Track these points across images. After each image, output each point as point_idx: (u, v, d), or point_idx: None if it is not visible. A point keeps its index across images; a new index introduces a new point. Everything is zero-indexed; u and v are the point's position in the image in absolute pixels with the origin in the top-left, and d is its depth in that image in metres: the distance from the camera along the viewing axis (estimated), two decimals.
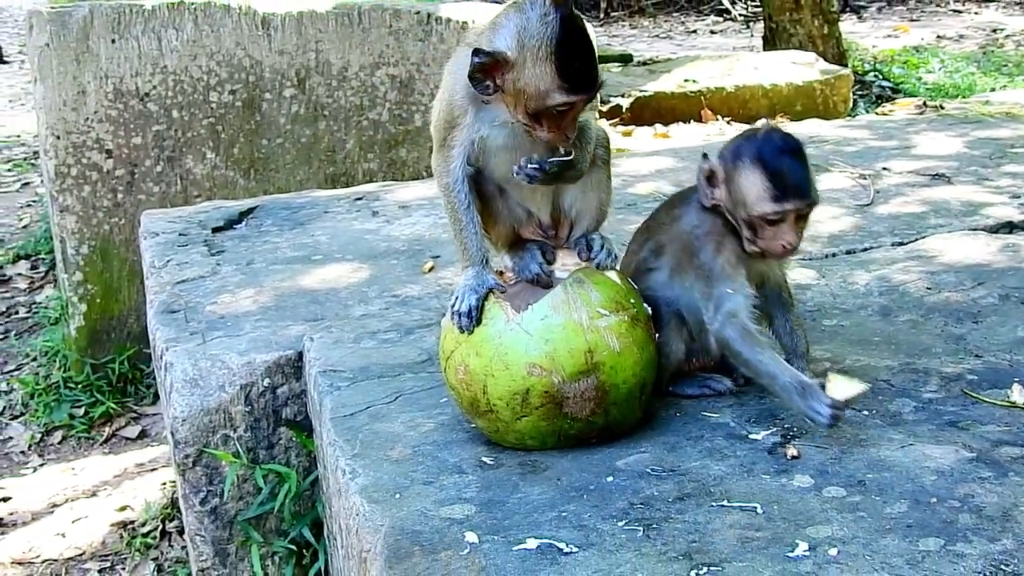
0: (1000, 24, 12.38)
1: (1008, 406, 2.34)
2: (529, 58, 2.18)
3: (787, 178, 2.25)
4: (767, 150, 2.27)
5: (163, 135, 4.99)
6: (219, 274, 3.60)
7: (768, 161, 2.26)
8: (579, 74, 2.20)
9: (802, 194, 2.26)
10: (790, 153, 2.27)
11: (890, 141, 4.82)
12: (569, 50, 2.18)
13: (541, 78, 2.18)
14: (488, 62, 2.20)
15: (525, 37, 2.19)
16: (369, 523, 2.07)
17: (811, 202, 2.29)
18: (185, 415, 2.94)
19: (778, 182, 2.25)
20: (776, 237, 2.30)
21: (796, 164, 2.26)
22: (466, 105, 2.32)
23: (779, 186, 2.25)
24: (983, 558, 1.80)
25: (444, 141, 2.38)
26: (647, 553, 1.89)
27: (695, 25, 13.57)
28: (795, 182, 2.25)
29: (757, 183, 2.26)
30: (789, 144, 2.29)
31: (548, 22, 2.17)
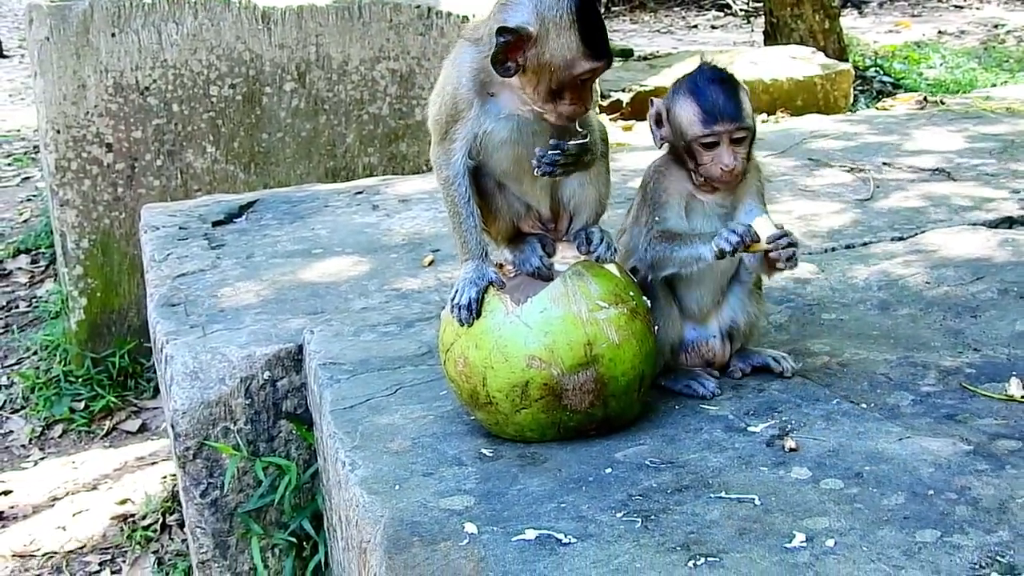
0: (1001, 20, 12.37)
1: (1006, 400, 2.35)
2: (552, 29, 2.19)
3: (715, 102, 2.41)
4: (697, 80, 2.46)
5: (163, 129, 5.00)
6: (219, 268, 3.60)
7: (697, 89, 2.44)
8: (601, 40, 2.24)
9: (730, 116, 2.41)
10: (718, 81, 2.43)
11: (890, 136, 4.82)
12: (589, 17, 2.20)
13: (567, 47, 2.20)
14: (512, 40, 2.19)
15: (544, 9, 2.20)
16: (369, 514, 2.07)
17: (740, 124, 2.42)
18: (185, 408, 2.95)
19: (706, 106, 2.42)
20: (714, 161, 2.44)
21: (724, 90, 2.42)
22: (471, 98, 2.32)
23: (707, 110, 2.41)
24: (979, 550, 1.80)
25: (445, 134, 2.37)
26: (645, 544, 1.89)
27: (696, 20, 13.56)
28: (722, 105, 2.41)
29: (689, 110, 2.43)
30: (718, 74, 2.45)
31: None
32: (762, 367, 2.57)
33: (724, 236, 2.37)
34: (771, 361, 2.56)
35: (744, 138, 2.45)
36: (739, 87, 2.46)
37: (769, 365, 2.56)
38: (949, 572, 1.75)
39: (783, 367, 2.54)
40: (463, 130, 2.34)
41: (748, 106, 2.45)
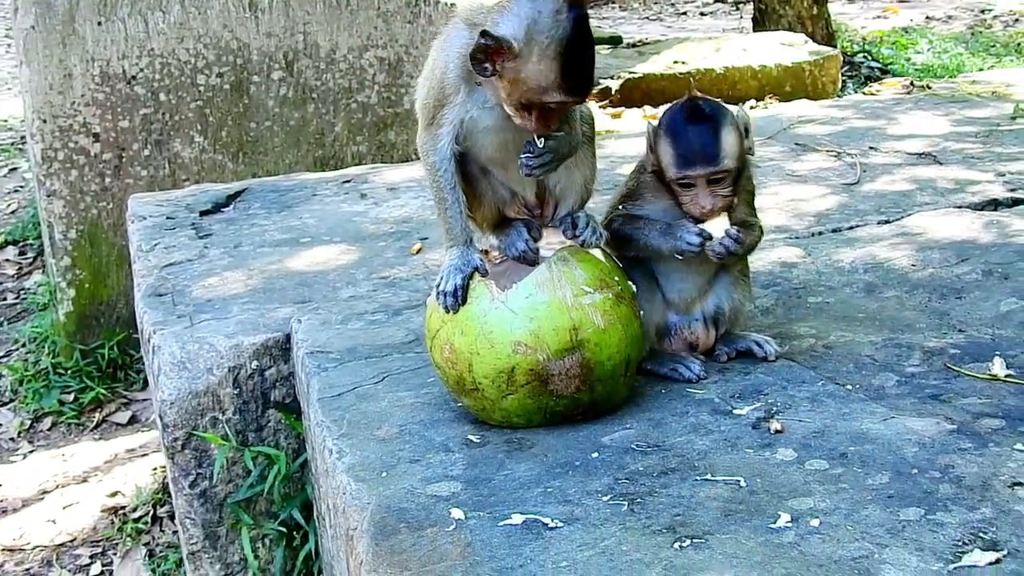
0: (988, 5, 12.37)
1: (989, 379, 2.36)
2: (535, 53, 2.16)
3: (691, 145, 2.37)
4: (676, 119, 2.43)
5: (150, 118, 4.98)
6: (207, 257, 3.60)
7: (676, 129, 2.41)
8: (581, 77, 2.20)
9: (706, 160, 2.36)
10: (699, 120, 2.38)
11: (877, 120, 4.83)
12: (576, 53, 2.16)
13: (543, 75, 2.17)
14: (493, 46, 2.17)
15: (534, 31, 2.16)
16: (356, 501, 2.08)
17: (717, 168, 2.37)
18: (173, 398, 2.94)
19: (682, 149, 2.38)
20: (693, 200, 2.42)
21: (703, 130, 2.37)
22: (458, 84, 2.30)
23: (683, 153, 2.38)
24: (962, 527, 1.82)
25: (432, 119, 2.36)
26: (631, 527, 1.90)
27: (685, 7, 13.54)
28: (699, 149, 2.36)
29: (667, 150, 2.41)
30: (700, 111, 2.40)
31: (560, 21, 2.15)
32: (747, 351, 2.58)
33: (685, 239, 2.40)
34: (754, 346, 2.56)
35: (723, 179, 2.40)
36: (722, 125, 2.39)
37: (752, 350, 2.56)
38: (932, 549, 1.76)
39: (766, 351, 2.55)
40: (450, 115, 2.32)
41: (731, 145, 2.39)
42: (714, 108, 2.42)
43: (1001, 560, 1.71)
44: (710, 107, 2.42)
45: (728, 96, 6.86)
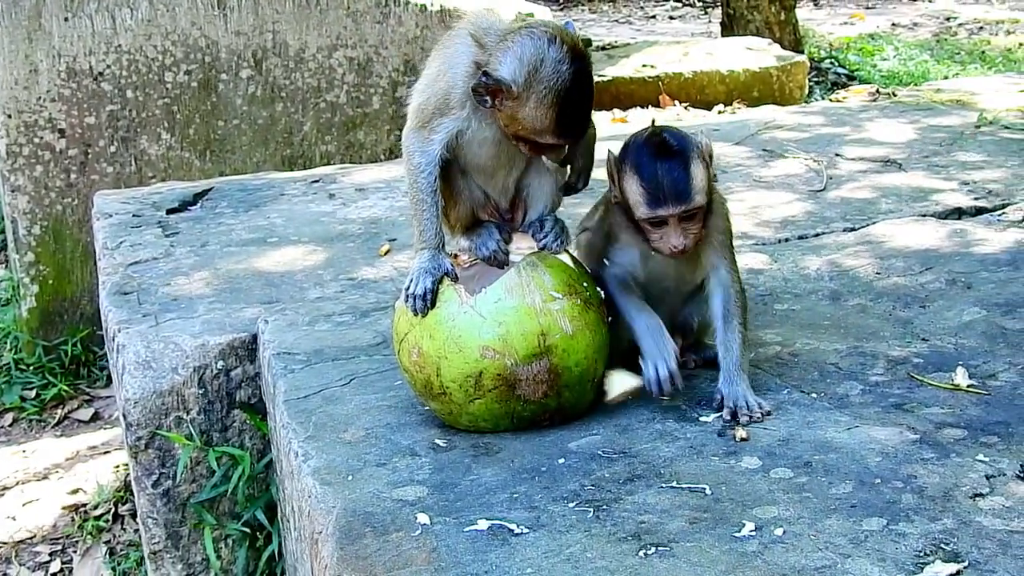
0: (953, 13, 12.52)
1: (952, 389, 2.39)
2: (533, 98, 2.19)
3: (660, 182, 2.27)
4: (643, 155, 2.31)
5: (117, 115, 4.93)
6: (173, 256, 3.57)
7: (643, 167, 2.30)
8: (575, 125, 2.25)
9: (676, 198, 2.27)
10: (666, 155, 2.28)
11: (843, 127, 4.87)
12: (573, 103, 2.20)
13: (538, 120, 2.21)
14: (492, 86, 2.20)
15: (534, 77, 2.19)
16: (321, 505, 2.07)
17: (688, 206, 2.28)
18: (137, 397, 2.92)
19: (651, 187, 2.28)
20: (663, 239, 2.34)
21: (672, 166, 2.27)
22: (464, 100, 2.31)
23: (652, 191, 2.28)
24: (924, 537, 1.84)
25: (426, 124, 2.36)
26: (596, 534, 1.91)
27: (654, 11, 13.59)
28: (669, 187, 2.26)
29: (634, 188, 2.31)
30: (666, 146, 2.29)
31: (561, 71, 2.18)
32: (715, 360, 2.58)
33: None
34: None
35: (695, 215, 2.31)
36: (691, 160, 2.29)
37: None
38: (894, 559, 1.78)
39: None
40: (448, 125, 2.33)
41: (700, 180, 2.30)
42: (681, 141, 2.32)
43: (962, 572, 1.73)
44: (677, 140, 2.32)
45: (696, 100, 6.91)
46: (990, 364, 2.49)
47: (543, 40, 2.19)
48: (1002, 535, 1.83)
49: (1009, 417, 2.24)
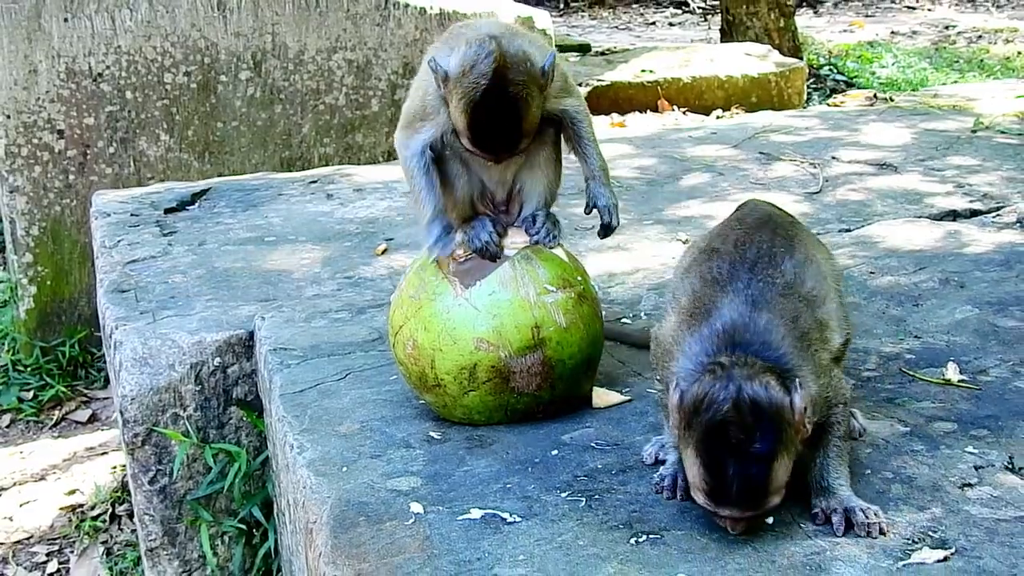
0: (952, 21, 12.56)
1: (943, 384, 2.41)
2: (455, 97, 2.27)
3: (727, 485, 1.79)
4: (713, 441, 1.80)
5: (116, 116, 4.95)
6: (171, 254, 3.59)
7: (708, 455, 1.81)
8: (489, 142, 2.29)
9: (740, 503, 1.81)
10: (743, 454, 1.78)
11: (840, 131, 4.89)
12: (483, 120, 2.25)
13: (458, 120, 2.29)
14: (438, 72, 2.28)
15: (459, 79, 2.26)
16: (316, 495, 2.08)
17: (752, 513, 1.83)
18: (134, 394, 2.93)
19: (715, 484, 1.81)
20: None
21: (744, 467, 1.78)
22: (438, 106, 2.36)
23: (715, 489, 1.82)
24: (912, 526, 1.85)
25: (411, 125, 2.43)
26: (588, 522, 1.92)
27: (654, 17, 13.64)
28: (735, 489, 1.79)
29: (694, 469, 1.84)
30: (751, 441, 1.77)
31: (478, 84, 2.24)
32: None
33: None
34: None
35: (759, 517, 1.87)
36: (771, 455, 1.77)
37: None
38: (883, 547, 1.79)
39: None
40: (428, 127, 2.40)
41: (776, 482, 1.81)
42: (762, 426, 1.78)
43: (949, 558, 1.75)
44: (756, 426, 1.78)
45: (694, 105, 6.94)
46: (981, 360, 2.51)
47: (482, 52, 2.25)
48: (989, 523, 1.84)
49: (999, 411, 2.25)
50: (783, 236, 2.08)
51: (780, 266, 2.00)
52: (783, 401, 1.79)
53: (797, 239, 2.10)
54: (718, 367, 1.83)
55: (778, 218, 2.17)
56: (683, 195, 4.02)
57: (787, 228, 2.13)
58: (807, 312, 1.96)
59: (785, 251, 2.04)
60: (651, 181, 4.23)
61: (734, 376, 1.80)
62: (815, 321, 1.97)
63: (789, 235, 2.10)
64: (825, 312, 2.01)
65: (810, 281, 2.01)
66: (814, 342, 1.95)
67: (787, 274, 1.99)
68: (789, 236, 2.09)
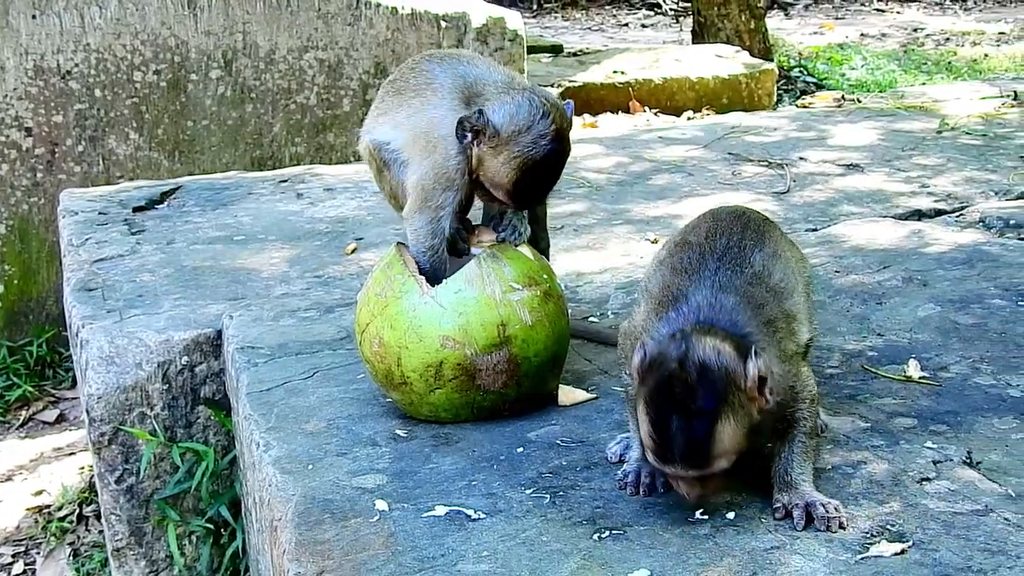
0: (921, 24, 12.68)
1: (904, 380, 2.44)
2: (506, 154, 2.29)
3: (671, 441, 1.81)
4: (659, 397, 1.82)
5: (85, 114, 4.92)
6: (139, 253, 3.57)
7: (654, 411, 1.83)
8: (532, 198, 2.37)
9: (683, 460, 1.82)
10: (686, 410, 1.79)
11: (808, 132, 4.93)
12: (539, 178, 2.31)
13: (503, 175, 2.32)
14: (480, 127, 2.29)
15: (517, 136, 2.28)
16: (281, 493, 2.08)
17: (697, 473, 1.83)
18: (101, 392, 2.92)
19: (660, 440, 1.82)
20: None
21: (686, 424, 1.79)
22: (463, 166, 2.38)
23: (660, 446, 1.83)
24: (871, 519, 1.88)
25: (432, 199, 2.41)
26: (552, 519, 1.93)
27: (627, 19, 13.68)
28: (678, 445, 1.80)
29: (644, 427, 1.87)
30: (693, 398, 1.79)
31: (541, 145, 2.28)
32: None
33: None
34: None
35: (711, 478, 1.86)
36: (717, 412, 1.79)
37: None
38: (842, 541, 1.82)
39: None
40: (452, 197, 2.41)
41: (722, 439, 1.80)
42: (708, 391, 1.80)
43: (906, 551, 1.77)
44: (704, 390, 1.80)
45: (666, 106, 6.98)
46: (942, 357, 2.54)
47: (540, 110, 2.29)
48: (946, 516, 1.87)
49: (958, 407, 2.28)
50: (754, 231, 2.12)
51: (749, 257, 2.04)
52: (734, 365, 1.81)
53: (768, 235, 2.14)
54: (680, 332, 1.87)
55: (751, 214, 2.21)
56: (652, 195, 4.04)
57: (759, 224, 2.16)
58: (774, 302, 2.00)
59: (755, 244, 2.07)
60: (620, 181, 4.25)
61: (690, 339, 1.83)
62: (781, 311, 2.00)
63: (760, 230, 2.13)
64: (792, 304, 2.04)
65: (778, 274, 2.05)
66: (780, 330, 1.98)
67: (755, 265, 2.03)
68: (760, 231, 2.13)
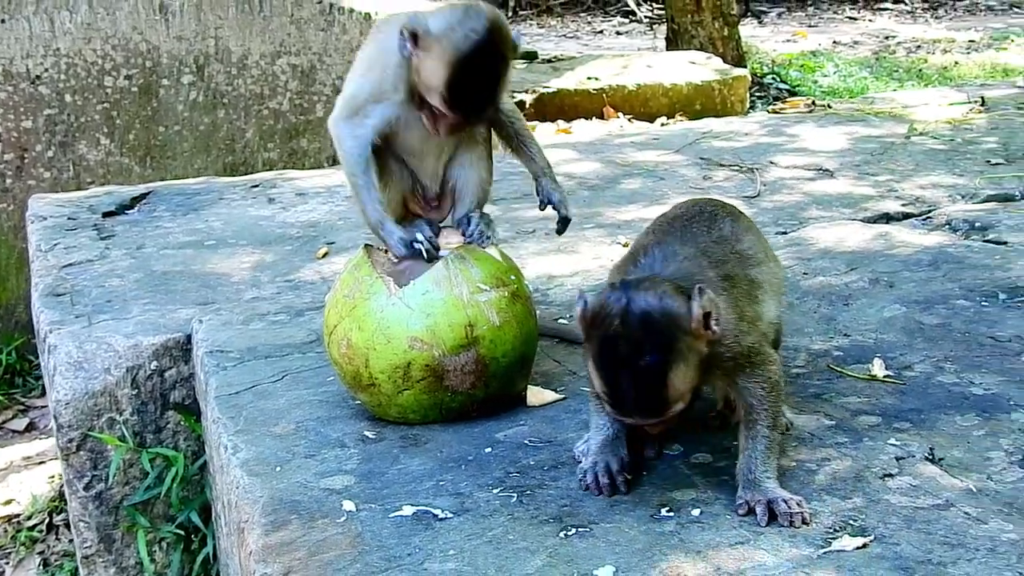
0: (893, 32, 12.80)
1: (868, 379, 2.46)
2: (436, 52, 2.27)
3: (625, 395, 1.83)
4: (607, 353, 1.83)
5: (55, 119, 4.90)
6: (108, 258, 3.56)
7: (604, 369, 1.85)
8: (465, 98, 2.30)
9: (640, 412, 1.86)
10: (635, 364, 1.79)
11: (779, 137, 4.97)
12: (470, 76, 2.27)
13: (436, 76, 2.28)
14: (414, 29, 2.29)
15: (447, 34, 2.27)
16: (249, 495, 2.08)
17: (656, 420, 1.87)
18: (69, 398, 2.91)
19: (614, 395, 1.85)
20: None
21: (637, 379, 1.80)
22: (397, 83, 2.38)
23: (615, 400, 1.86)
24: (834, 515, 1.89)
25: (357, 111, 2.43)
26: (519, 517, 1.94)
27: (601, 26, 13.74)
28: (632, 399, 1.83)
29: (596, 382, 1.89)
30: (640, 352, 1.79)
31: (470, 38, 2.26)
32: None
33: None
34: None
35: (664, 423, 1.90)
36: (665, 367, 1.79)
37: None
38: (805, 536, 1.83)
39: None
40: (381, 111, 2.41)
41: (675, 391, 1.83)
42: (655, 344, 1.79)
43: (868, 545, 1.79)
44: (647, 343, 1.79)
45: (639, 112, 7.00)
46: (907, 356, 2.56)
47: (474, 12, 2.29)
48: (908, 511, 1.89)
49: (922, 405, 2.31)
50: (730, 212, 2.20)
51: (718, 223, 2.09)
52: (677, 309, 1.80)
53: (743, 218, 2.22)
54: (619, 283, 1.88)
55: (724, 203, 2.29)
56: (624, 199, 4.06)
57: (735, 210, 2.25)
58: (737, 263, 2.01)
59: (729, 217, 2.14)
60: (593, 186, 4.27)
61: (629, 289, 1.83)
62: (744, 274, 2.02)
63: (735, 213, 2.22)
64: (758, 272, 2.06)
65: (747, 242, 2.10)
66: (739, 290, 1.98)
67: (724, 230, 2.08)
68: (735, 214, 2.22)
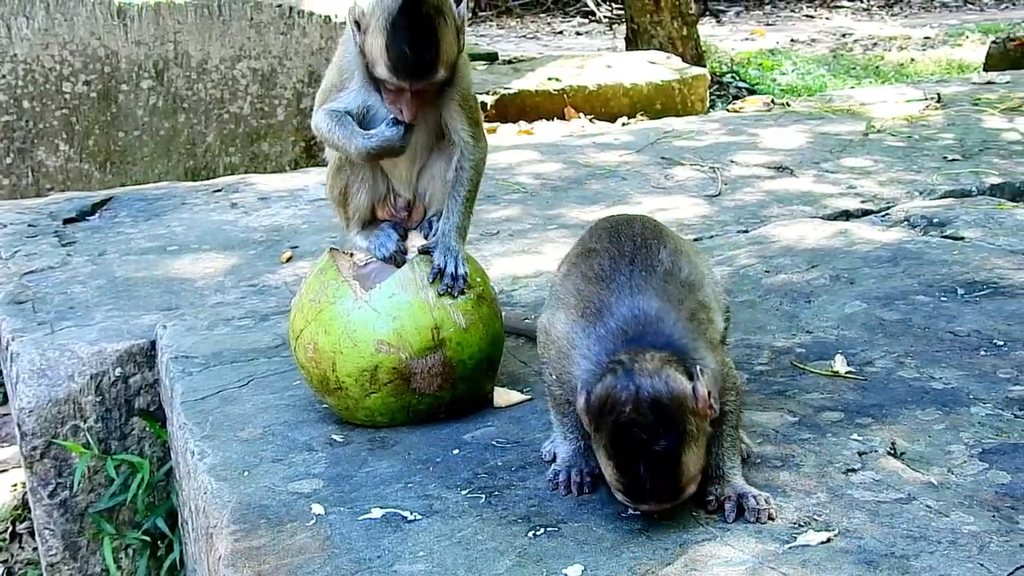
0: (849, 29, 12.94)
1: (831, 375, 2.49)
2: (372, 26, 2.29)
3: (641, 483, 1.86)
4: (621, 442, 1.85)
5: (13, 126, 4.85)
6: (70, 265, 3.53)
7: (618, 457, 1.86)
8: (405, 59, 2.27)
9: (656, 498, 1.87)
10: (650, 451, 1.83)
11: (739, 136, 5.02)
12: (401, 33, 2.25)
13: (375, 48, 2.29)
14: (357, 17, 2.32)
15: (378, 7, 2.29)
16: (216, 500, 2.08)
17: (671, 505, 1.89)
18: (32, 406, 2.89)
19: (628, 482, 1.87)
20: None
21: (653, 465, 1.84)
22: (353, 71, 2.40)
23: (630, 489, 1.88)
24: (799, 510, 1.92)
25: (327, 100, 2.46)
26: (488, 518, 1.95)
27: (561, 26, 13.77)
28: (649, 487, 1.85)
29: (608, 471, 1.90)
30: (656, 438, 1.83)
31: (397, 2, 2.26)
32: None
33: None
34: None
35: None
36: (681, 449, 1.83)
37: None
38: (770, 531, 1.86)
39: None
40: (344, 98, 2.42)
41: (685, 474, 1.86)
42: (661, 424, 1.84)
43: (832, 539, 1.82)
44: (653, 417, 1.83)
45: (600, 113, 7.04)
46: (868, 352, 2.60)
47: None
48: (871, 505, 1.92)
49: (883, 400, 2.34)
50: (651, 228, 2.19)
51: (657, 255, 2.09)
52: (684, 391, 1.85)
53: (664, 233, 2.21)
54: (618, 365, 1.88)
55: (644, 218, 2.28)
56: (586, 200, 4.09)
57: (653, 225, 2.24)
58: (689, 296, 2.04)
59: (658, 241, 2.13)
60: (555, 187, 4.29)
61: (634, 374, 1.84)
62: (698, 303, 2.06)
63: (657, 230, 2.21)
64: (704, 296, 2.10)
65: (685, 268, 2.11)
66: (702, 321, 2.03)
67: (665, 263, 2.08)
68: (657, 231, 2.20)
